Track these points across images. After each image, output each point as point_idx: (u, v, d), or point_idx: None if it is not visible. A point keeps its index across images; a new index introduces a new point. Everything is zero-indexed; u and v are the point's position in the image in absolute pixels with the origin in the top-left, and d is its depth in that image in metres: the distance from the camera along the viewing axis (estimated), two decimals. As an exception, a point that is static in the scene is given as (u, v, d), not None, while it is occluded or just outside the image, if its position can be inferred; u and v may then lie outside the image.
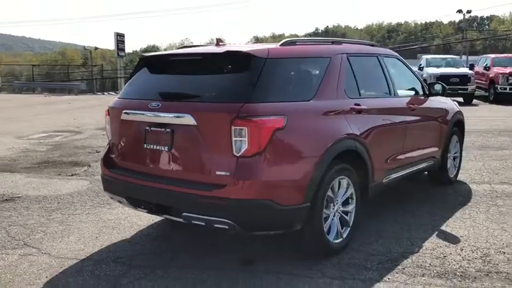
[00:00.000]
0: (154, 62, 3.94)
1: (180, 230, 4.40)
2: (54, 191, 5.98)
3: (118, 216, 4.83)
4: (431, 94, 5.32)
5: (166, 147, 3.45)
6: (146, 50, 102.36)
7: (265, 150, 3.17)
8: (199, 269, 3.60)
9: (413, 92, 5.24)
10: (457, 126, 6.04)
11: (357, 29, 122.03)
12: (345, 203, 3.93)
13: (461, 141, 6.22)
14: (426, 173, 5.92)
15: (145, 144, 3.59)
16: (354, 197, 3.97)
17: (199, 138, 3.28)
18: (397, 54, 5.22)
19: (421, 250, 3.93)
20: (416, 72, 5.42)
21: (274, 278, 3.44)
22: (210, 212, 3.23)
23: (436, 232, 4.35)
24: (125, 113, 3.69)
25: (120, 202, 3.90)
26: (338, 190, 3.82)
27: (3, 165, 7.77)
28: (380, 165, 4.26)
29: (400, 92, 4.93)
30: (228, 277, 3.46)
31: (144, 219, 4.71)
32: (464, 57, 42.27)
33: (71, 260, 3.80)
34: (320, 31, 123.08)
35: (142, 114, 3.57)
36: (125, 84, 4.16)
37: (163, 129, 3.46)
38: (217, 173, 3.21)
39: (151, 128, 3.54)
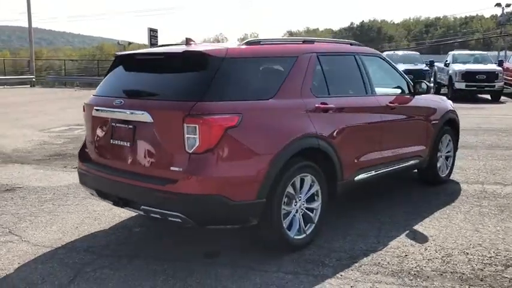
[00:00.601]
0: (125, 61, 4.10)
1: (159, 221, 4.56)
2: (54, 182, 6.27)
3: (103, 208, 5.04)
4: (416, 93, 5.28)
5: (128, 143, 3.62)
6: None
7: (217, 147, 3.29)
8: (162, 260, 3.76)
9: (396, 91, 5.23)
10: (449, 125, 5.97)
11: (393, 23, 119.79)
12: (310, 200, 3.99)
13: (454, 140, 6.13)
14: (416, 171, 5.92)
15: (112, 140, 3.77)
16: (320, 194, 4.03)
17: (156, 135, 3.43)
18: (380, 53, 5.21)
19: (384, 248, 3.96)
20: (401, 71, 5.38)
21: (230, 270, 3.56)
22: (164, 205, 3.38)
23: (407, 231, 4.36)
24: (95, 109, 3.88)
25: (92, 194, 4.10)
26: (301, 187, 3.89)
27: (17, 156, 8.17)
28: (350, 163, 4.29)
29: (380, 90, 4.94)
30: (186, 269, 3.59)
31: (127, 211, 4.89)
32: (503, 53, 40.85)
33: (46, 248, 4.02)
34: (355, 25, 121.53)
35: (108, 111, 3.75)
36: None
37: (126, 126, 3.63)
38: (171, 168, 3.35)
39: (117, 125, 3.71)
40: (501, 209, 4.94)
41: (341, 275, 3.49)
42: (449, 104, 6.07)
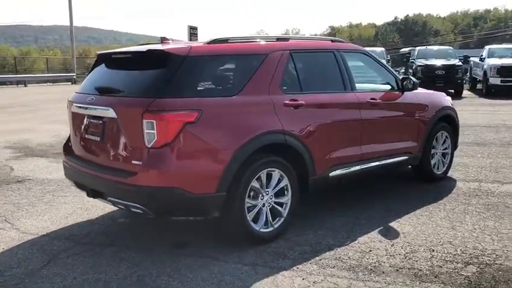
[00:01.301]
0: (104, 59, 4.30)
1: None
2: (63, 175, 6.57)
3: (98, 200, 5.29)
4: (404, 89, 5.24)
5: (98, 138, 3.84)
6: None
7: (174, 142, 3.43)
8: (133, 249, 3.95)
9: (382, 87, 5.21)
10: (446, 121, 5.88)
11: (439, 17, 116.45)
12: (280, 194, 4.07)
13: (452, 137, 6.01)
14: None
15: (86, 135, 3.99)
16: (290, 189, 4.10)
17: (120, 130, 3.62)
18: (364, 50, 5.19)
19: (351, 244, 4.00)
20: (389, 68, 5.34)
21: (193, 260, 3.70)
22: (126, 197, 3.58)
23: (382, 227, 4.36)
24: (74, 105, 4.12)
25: (73, 186, 4.35)
26: (268, 181, 3.98)
27: (39, 150, 8.64)
28: (323, 159, 4.34)
29: (363, 87, 4.95)
30: (153, 257, 3.76)
31: (118, 203, 5.13)
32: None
33: (32, 236, 4.30)
34: (399, 19, 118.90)
35: (83, 107, 3.98)
36: None
37: (97, 121, 3.85)
38: (133, 162, 3.53)
39: (90, 120, 3.94)
40: (487, 208, 4.85)
41: (297, 268, 3.57)
42: (446, 101, 5.98)
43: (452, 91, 18.17)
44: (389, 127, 5.10)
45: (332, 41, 4.95)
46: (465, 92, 18.64)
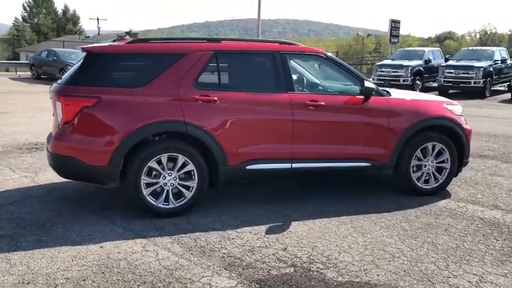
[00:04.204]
0: (85, 53, 5.40)
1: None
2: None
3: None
4: (365, 93, 5.06)
5: (54, 115, 4.99)
6: (439, 38, 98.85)
7: (73, 121, 4.36)
8: (74, 205, 5.00)
9: (337, 89, 5.17)
10: (444, 133, 5.40)
11: None
12: (187, 177, 4.63)
13: (452, 150, 5.44)
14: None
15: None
16: (196, 175, 4.62)
17: (56, 109, 4.69)
18: (322, 53, 5.12)
19: (227, 231, 4.32)
20: (354, 72, 5.19)
21: (96, 219, 4.56)
22: (48, 161, 4.67)
23: (281, 223, 4.53)
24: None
25: None
26: (172, 164, 4.57)
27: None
28: (237, 152, 4.66)
29: (309, 88, 5.04)
30: (77, 212, 4.76)
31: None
32: None
33: (34, 184, 5.73)
34: None
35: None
36: None
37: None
38: (55, 134, 4.59)
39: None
40: (422, 227, 4.50)
41: (153, 238, 4.14)
42: (443, 110, 5.46)
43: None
44: (338, 130, 5.03)
45: (280, 43, 5.12)
46: None
